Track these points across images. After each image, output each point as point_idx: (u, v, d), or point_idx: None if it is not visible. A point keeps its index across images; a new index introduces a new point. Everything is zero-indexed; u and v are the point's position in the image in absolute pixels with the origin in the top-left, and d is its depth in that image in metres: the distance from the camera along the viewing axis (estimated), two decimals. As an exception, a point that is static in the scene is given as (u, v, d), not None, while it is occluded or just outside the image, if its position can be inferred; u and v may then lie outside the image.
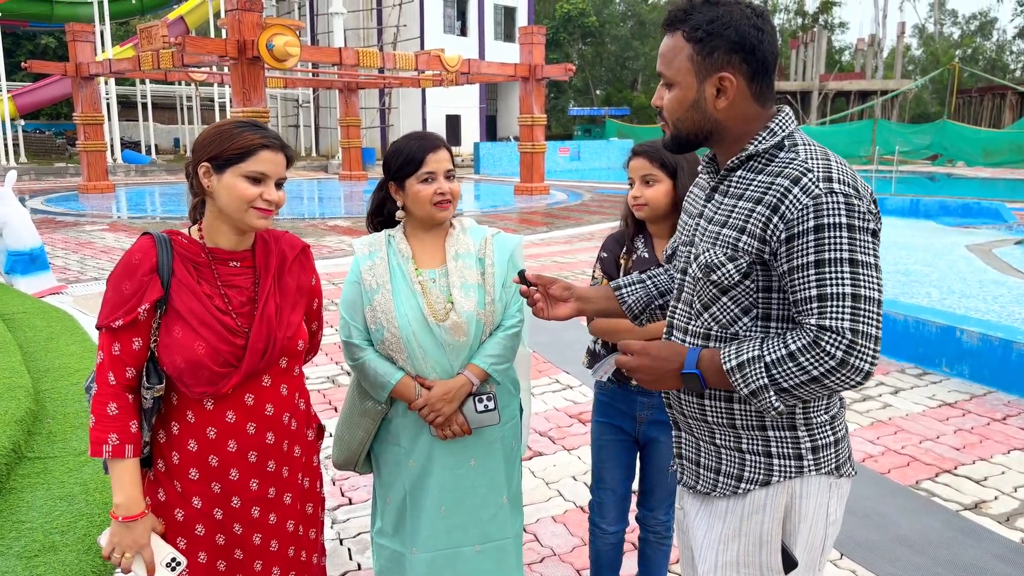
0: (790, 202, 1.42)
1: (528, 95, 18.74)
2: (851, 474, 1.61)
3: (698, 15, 1.49)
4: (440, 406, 2.05)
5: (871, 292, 1.39)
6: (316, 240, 11.48)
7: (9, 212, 7.50)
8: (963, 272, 9.48)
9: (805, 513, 1.56)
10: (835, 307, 1.38)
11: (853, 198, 1.40)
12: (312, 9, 37.60)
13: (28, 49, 33.76)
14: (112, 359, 1.70)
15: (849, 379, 1.39)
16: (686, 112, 1.54)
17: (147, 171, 27.92)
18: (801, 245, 1.40)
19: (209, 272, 1.78)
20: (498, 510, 2.19)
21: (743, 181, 1.54)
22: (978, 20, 62.95)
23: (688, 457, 1.69)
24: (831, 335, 1.38)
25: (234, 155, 1.72)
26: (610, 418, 2.47)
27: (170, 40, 14.43)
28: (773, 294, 1.49)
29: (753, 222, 1.47)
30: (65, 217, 14.40)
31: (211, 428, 1.77)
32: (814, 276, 1.39)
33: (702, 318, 1.59)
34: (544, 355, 5.63)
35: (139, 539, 1.72)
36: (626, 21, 52.35)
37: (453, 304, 2.08)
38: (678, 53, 1.52)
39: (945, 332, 5.27)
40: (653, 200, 2.29)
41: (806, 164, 1.45)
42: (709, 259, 1.54)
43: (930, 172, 27.37)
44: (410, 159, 2.07)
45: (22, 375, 4.37)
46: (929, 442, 4.15)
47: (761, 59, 1.50)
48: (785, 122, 1.54)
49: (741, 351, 1.46)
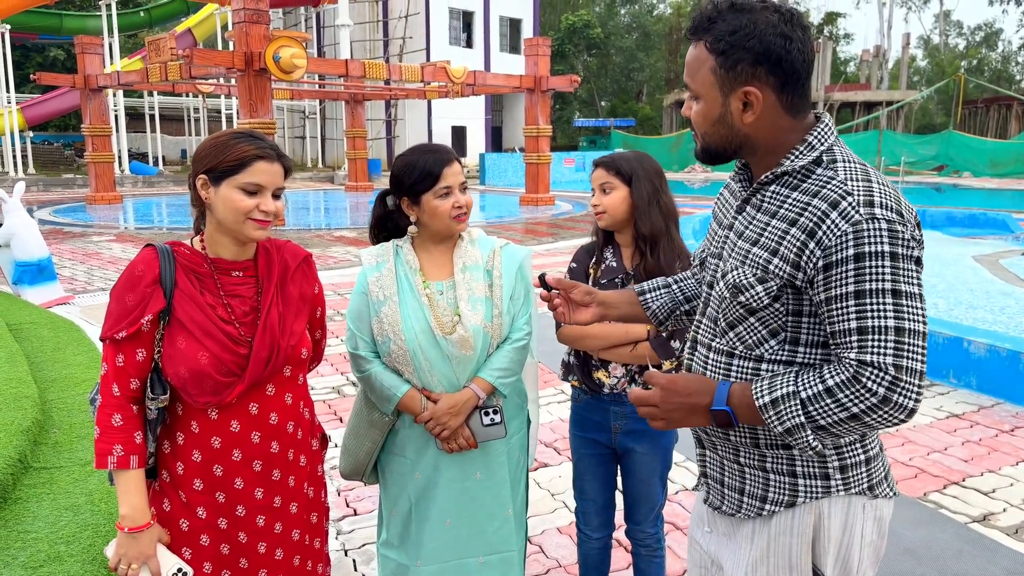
0: (828, 228, 1.33)
1: (533, 106, 18.80)
2: (889, 495, 1.52)
3: (722, 24, 1.40)
4: (446, 419, 2.05)
5: (915, 325, 1.30)
6: (322, 251, 11.51)
7: (17, 223, 7.54)
8: (970, 283, 9.45)
9: (833, 534, 1.49)
10: (877, 341, 1.30)
11: (897, 224, 1.31)
12: (319, 21, 37.85)
13: (37, 61, 34.04)
14: (116, 371, 1.71)
15: (892, 417, 1.31)
16: (713, 127, 1.47)
17: (154, 182, 28.06)
18: (840, 274, 1.32)
19: (212, 282, 1.78)
20: (504, 522, 2.18)
21: (777, 197, 1.45)
22: (983, 31, 62.96)
23: (713, 476, 1.63)
24: (873, 370, 1.30)
25: (229, 167, 1.72)
26: (585, 431, 2.49)
27: (178, 52, 14.53)
28: (804, 318, 1.42)
29: (787, 245, 1.39)
30: (72, 228, 14.50)
31: (216, 438, 1.78)
32: (854, 307, 1.31)
33: (727, 336, 1.51)
34: (550, 366, 5.62)
35: (145, 550, 1.72)
36: (631, 33, 52.51)
37: (460, 317, 2.07)
38: (701, 65, 1.44)
39: (952, 343, 5.24)
40: (611, 207, 2.35)
41: (845, 186, 1.36)
42: (737, 279, 1.46)
43: (936, 183, 27.31)
44: (427, 174, 2.05)
45: (29, 385, 4.38)
46: (937, 454, 4.12)
47: (790, 69, 1.40)
48: (824, 135, 1.45)
49: (775, 386, 1.38)
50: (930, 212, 16.00)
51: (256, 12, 13.69)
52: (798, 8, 8.23)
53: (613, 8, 54.04)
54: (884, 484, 1.52)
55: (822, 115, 1.48)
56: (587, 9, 51.02)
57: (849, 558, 1.50)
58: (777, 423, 1.37)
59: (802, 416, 1.35)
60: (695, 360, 1.62)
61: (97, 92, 18.72)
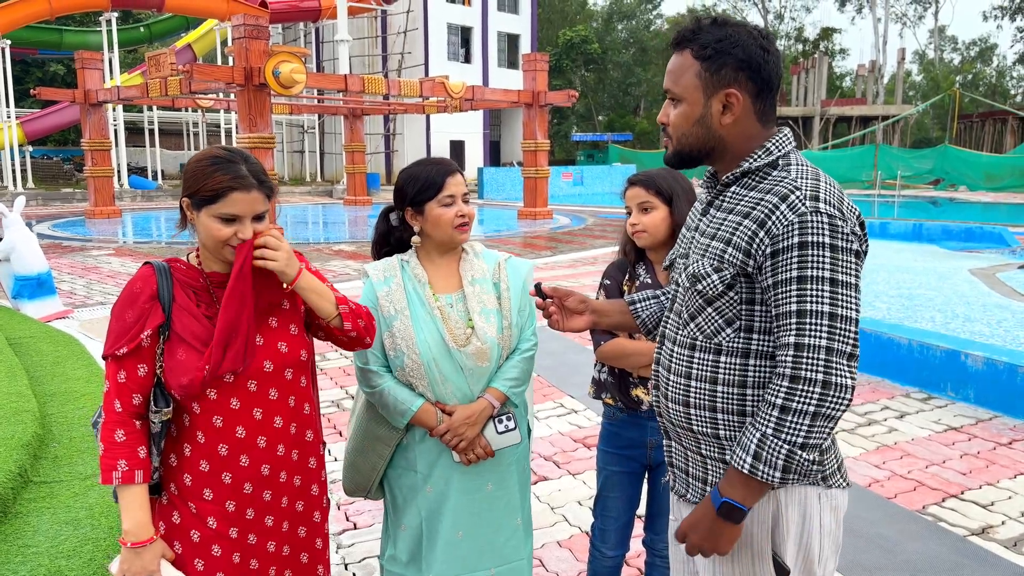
0: (777, 218, 1.47)
1: (531, 121, 18.89)
2: (842, 485, 1.63)
3: (706, 35, 1.55)
4: (463, 430, 2.06)
5: (848, 312, 1.44)
6: (321, 264, 11.53)
7: (17, 237, 7.56)
8: (967, 296, 9.48)
9: (792, 523, 1.57)
10: (813, 324, 1.43)
11: (837, 219, 1.45)
12: (318, 37, 38.06)
13: (37, 76, 34.18)
14: (118, 387, 1.73)
15: (839, 399, 1.43)
16: (692, 127, 1.59)
17: (153, 196, 28.11)
18: (785, 260, 1.46)
19: (207, 295, 1.81)
20: (513, 532, 2.20)
21: (735, 196, 1.59)
22: (978, 46, 63.42)
23: (678, 466, 1.74)
24: (807, 355, 1.43)
25: (206, 196, 1.73)
26: (618, 448, 2.47)
27: (178, 68, 14.61)
28: (756, 307, 1.54)
29: (739, 235, 1.52)
30: (72, 242, 14.51)
31: (223, 445, 1.79)
32: (795, 292, 1.45)
33: (688, 327, 1.63)
34: (548, 379, 5.64)
35: (148, 565, 1.73)
36: (628, 48, 52.83)
37: (474, 329, 2.09)
38: (686, 70, 1.57)
39: (950, 356, 5.26)
40: (651, 226, 2.33)
41: (795, 183, 1.50)
42: (696, 269, 1.59)
43: (932, 196, 27.43)
44: (430, 183, 2.09)
45: (28, 399, 4.38)
46: (935, 467, 4.13)
47: (766, 78, 1.55)
48: (782, 142, 1.58)
49: (746, 446, 1.49)
50: (927, 226, 16.07)
51: (256, 28, 13.79)
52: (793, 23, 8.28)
53: (610, 24, 54.41)
54: (837, 475, 1.62)
55: (781, 128, 1.62)
56: (584, 25, 51.37)
57: (810, 547, 1.59)
58: (772, 471, 1.46)
59: (784, 446, 1.45)
60: (662, 354, 1.73)
61: (97, 107, 18.79)
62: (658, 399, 1.74)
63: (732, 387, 1.57)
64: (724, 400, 1.58)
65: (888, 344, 5.65)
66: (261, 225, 1.78)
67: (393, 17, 34.96)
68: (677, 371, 1.65)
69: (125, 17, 34.52)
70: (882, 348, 5.66)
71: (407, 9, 34.19)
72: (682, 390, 1.64)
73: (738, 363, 1.56)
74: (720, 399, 1.58)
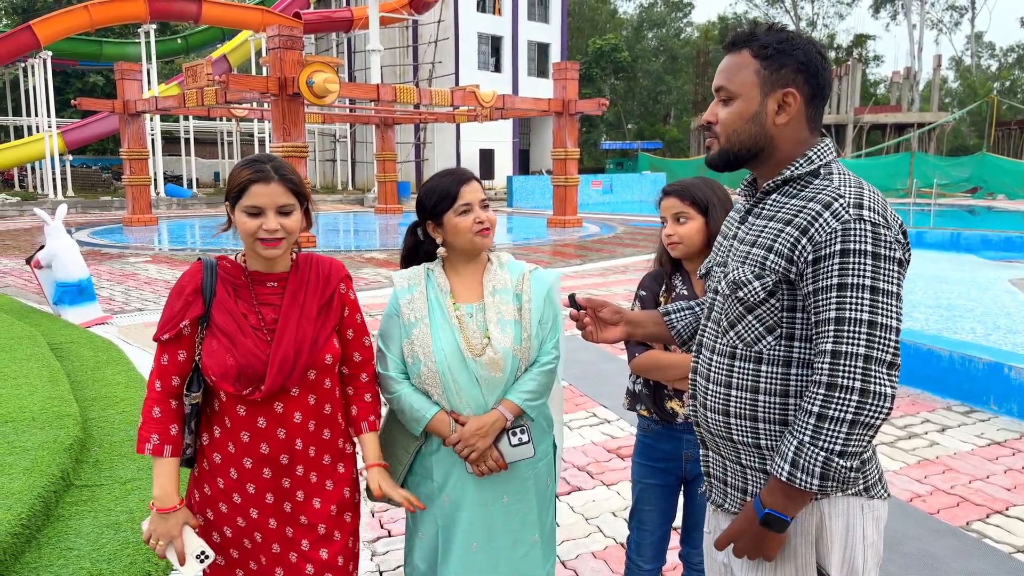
0: (820, 225, 1.46)
1: (561, 129, 18.90)
2: (883, 496, 1.61)
3: (765, 36, 1.57)
4: (474, 441, 2.06)
5: (888, 320, 1.43)
6: (353, 272, 11.60)
7: (58, 245, 7.71)
8: (1008, 307, 9.27)
9: (836, 534, 1.55)
10: (852, 332, 1.42)
11: (881, 227, 1.44)
12: (350, 47, 38.50)
13: (77, 87, 35.00)
14: (160, 368, 1.91)
15: (878, 407, 1.42)
16: (744, 124, 1.58)
17: (188, 204, 28.60)
18: (827, 267, 1.45)
19: (247, 292, 1.95)
20: (531, 548, 2.17)
21: (776, 204, 1.58)
22: (1016, 52, 62.24)
23: (716, 476, 1.72)
24: (845, 364, 1.42)
25: (235, 193, 1.88)
26: (653, 461, 2.45)
27: (214, 78, 14.86)
28: (797, 314, 1.52)
29: (781, 242, 1.51)
30: (110, 249, 14.79)
31: (244, 432, 1.94)
32: (835, 299, 1.44)
33: (728, 336, 1.61)
34: (580, 388, 5.61)
35: (171, 530, 1.89)
36: (658, 56, 52.71)
37: (490, 339, 2.09)
38: (743, 68, 1.58)
39: (993, 369, 5.14)
40: (687, 237, 2.31)
41: (839, 190, 1.49)
42: (736, 276, 1.58)
43: (969, 205, 26.91)
44: (445, 195, 2.11)
45: (70, 404, 4.47)
46: (979, 482, 4.04)
47: (822, 84, 1.57)
48: (824, 152, 1.58)
49: (783, 456, 1.48)
50: (965, 235, 15.75)
51: (291, 38, 13.98)
52: (826, 29, 8.05)
53: (640, 32, 54.33)
54: (879, 486, 1.60)
55: (824, 138, 1.62)
56: (614, 33, 51.34)
57: (854, 559, 1.57)
58: (809, 478, 1.45)
59: (821, 454, 1.44)
60: (700, 363, 1.71)
61: (135, 117, 19.18)
62: (695, 408, 1.72)
63: (774, 396, 1.56)
64: (765, 409, 1.57)
65: (928, 356, 5.54)
66: (290, 220, 1.89)
67: (424, 27, 35.24)
68: (716, 380, 1.64)
69: (163, 29, 35.22)
70: (922, 360, 5.55)
71: (438, 19, 34.45)
72: (722, 399, 1.62)
73: (780, 372, 1.55)
74: (761, 408, 1.57)
